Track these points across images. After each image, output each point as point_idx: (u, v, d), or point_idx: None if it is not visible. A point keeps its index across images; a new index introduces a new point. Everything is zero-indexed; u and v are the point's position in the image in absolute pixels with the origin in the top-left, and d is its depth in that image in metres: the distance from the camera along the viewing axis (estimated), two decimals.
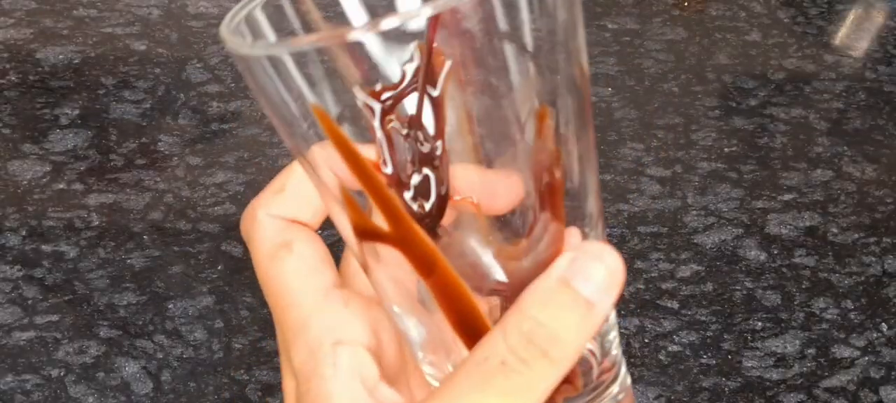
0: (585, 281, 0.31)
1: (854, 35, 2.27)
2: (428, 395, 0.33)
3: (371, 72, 0.30)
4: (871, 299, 1.61)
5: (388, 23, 0.27)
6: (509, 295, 0.32)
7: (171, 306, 1.52)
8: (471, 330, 0.32)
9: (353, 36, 0.28)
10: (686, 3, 2.34)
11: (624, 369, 0.36)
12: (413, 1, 0.35)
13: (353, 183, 0.32)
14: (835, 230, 1.73)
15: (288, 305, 0.37)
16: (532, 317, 0.31)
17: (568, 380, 0.33)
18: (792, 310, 1.58)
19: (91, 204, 1.69)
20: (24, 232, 1.62)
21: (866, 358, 1.51)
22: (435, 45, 0.29)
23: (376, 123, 0.30)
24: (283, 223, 0.37)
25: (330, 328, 0.36)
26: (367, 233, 0.32)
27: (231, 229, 1.65)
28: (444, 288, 0.31)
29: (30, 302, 1.51)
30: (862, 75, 2.12)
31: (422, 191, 0.31)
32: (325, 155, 0.32)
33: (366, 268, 0.35)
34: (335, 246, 0.38)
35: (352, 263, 0.39)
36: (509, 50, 0.30)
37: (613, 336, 0.36)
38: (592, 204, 0.34)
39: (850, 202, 1.79)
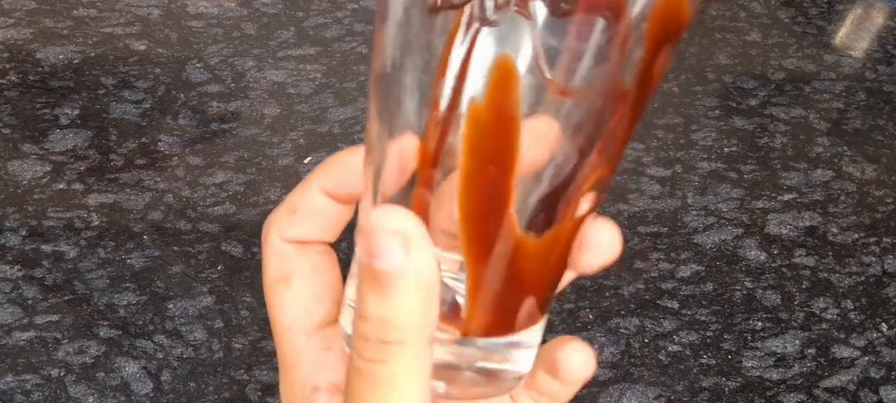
0: (380, 257, 0.31)
1: (854, 35, 2.27)
2: None
3: None
4: (871, 299, 1.61)
5: None
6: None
7: (171, 306, 1.52)
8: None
9: None
10: None
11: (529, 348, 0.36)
12: None
13: None
14: (835, 230, 1.73)
15: (279, 340, 0.38)
16: (360, 315, 0.31)
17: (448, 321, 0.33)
18: (792, 310, 1.58)
19: (91, 204, 1.69)
20: (24, 232, 1.62)
21: (866, 358, 1.51)
22: None
23: None
24: (292, 249, 0.38)
25: (310, 372, 0.37)
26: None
27: (231, 229, 1.65)
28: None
29: (30, 302, 1.51)
30: (862, 75, 2.12)
31: None
32: None
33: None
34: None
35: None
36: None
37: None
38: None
39: (850, 202, 1.79)
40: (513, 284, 0.33)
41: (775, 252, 1.68)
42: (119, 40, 2.08)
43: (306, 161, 1.80)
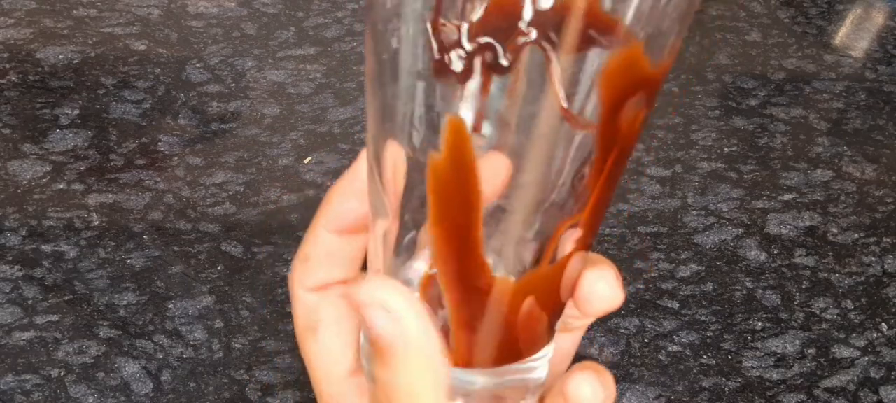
0: (373, 328, 0.32)
1: (854, 35, 2.27)
2: None
3: None
4: (871, 299, 1.61)
5: None
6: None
7: (171, 306, 1.52)
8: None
9: None
10: None
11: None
12: None
13: None
14: (835, 230, 1.73)
15: (317, 389, 0.40)
16: (371, 379, 0.33)
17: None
18: (792, 310, 1.58)
19: (91, 204, 1.69)
20: (24, 232, 1.62)
21: (866, 358, 1.51)
22: None
23: None
24: (315, 297, 0.38)
25: None
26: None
27: (231, 229, 1.65)
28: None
29: (30, 302, 1.51)
30: (862, 75, 2.12)
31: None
32: None
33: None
34: None
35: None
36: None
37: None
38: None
39: (850, 202, 1.79)
40: (496, 323, 0.34)
41: (775, 252, 1.68)
42: (119, 40, 2.08)
43: (306, 161, 1.80)
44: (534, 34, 0.29)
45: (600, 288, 0.35)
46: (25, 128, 1.84)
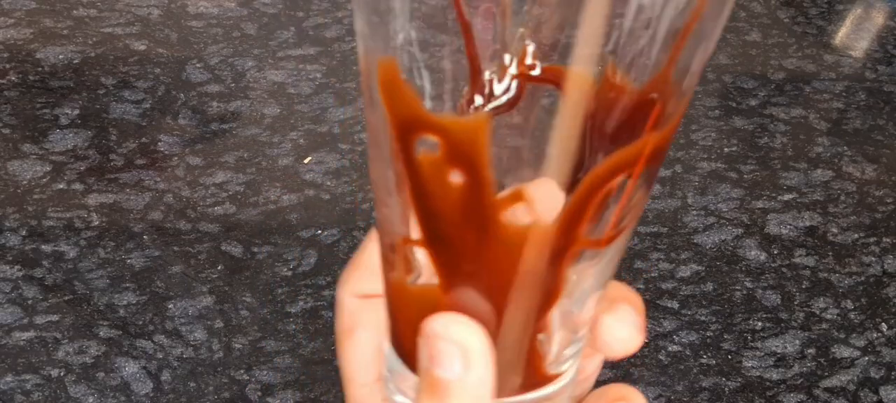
0: (441, 365, 0.31)
1: (854, 35, 2.27)
2: None
3: None
4: (871, 299, 1.61)
5: None
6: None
7: (171, 306, 1.52)
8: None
9: None
10: None
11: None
12: None
13: None
14: (835, 230, 1.73)
15: (345, 387, 0.40)
16: None
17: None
18: (792, 310, 1.58)
19: (91, 205, 1.69)
20: (24, 232, 1.62)
21: (866, 358, 1.51)
22: None
23: None
24: (358, 302, 0.39)
25: None
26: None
27: (231, 229, 1.65)
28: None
29: (30, 302, 1.51)
30: (862, 75, 2.12)
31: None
32: None
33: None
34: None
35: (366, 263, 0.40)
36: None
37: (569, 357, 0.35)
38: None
39: (850, 202, 1.79)
40: (513, 354, 0.33)
41: (775, 252, 1.68)
42: (119, 40, 2.08)
43: (306, 161, 1.80)
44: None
45: (619, 335, 0.34)
46: (25, 128, 1.84)
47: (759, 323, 1.55)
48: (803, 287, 1.62)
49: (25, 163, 1.76)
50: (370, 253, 0.38)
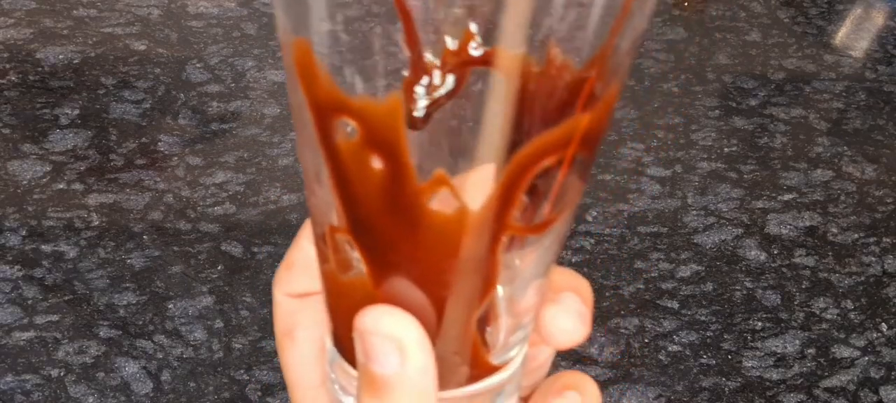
0: (376, 361, 0.31)
1: (854, 35, 2.27)
2: None
3: None
4: (871, 299, 1.61)
5: None
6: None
7: (171, 306, 1.52)
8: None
9: None
10: (686, 3, 2.34)
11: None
12: None
13: None
14: (835, 230, 1.73)
15: (290, 391, 0.39)
16: None
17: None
18: (792, 310, 1.58)
19: (91, 204, 1.69)
20: (24, 232, 1.62)
21: (866, 358, 1.51)
22: None
23: None
24: (295, 303, 0.38)
25: None
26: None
27: (231, 229, 1.65)
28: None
29: (30, 302, 1.51)
30: (862, 75, 2.12)
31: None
32: None
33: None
34: None
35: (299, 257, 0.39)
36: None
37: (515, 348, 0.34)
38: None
39: (850, 202, 1.79)
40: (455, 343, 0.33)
41: (775, 252, 1.68)
42: (119, 40, 2.08)
43: None
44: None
45: (562, 325, 0.34)
46: (25, 128, 1.84)
47: (759, 323, 1.55)
48: (803, 287, 1.62)
49: (25, 163, 1.76)
50: (302, 249, 0.37)
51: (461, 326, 0.32)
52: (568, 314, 0.33)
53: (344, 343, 0.33)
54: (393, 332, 0.30)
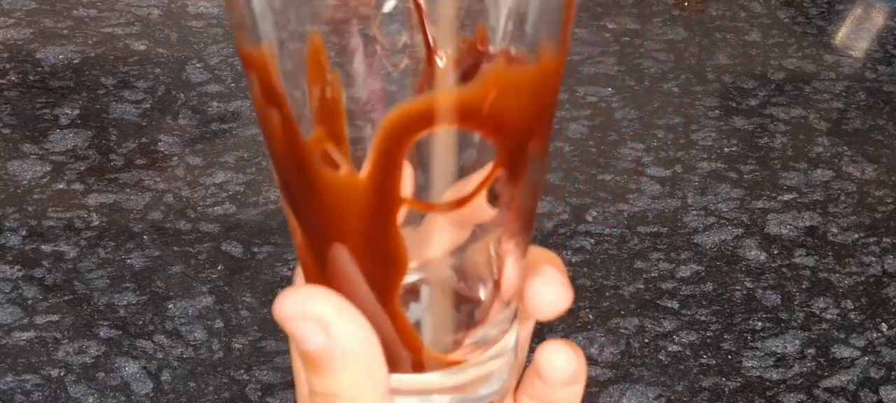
0: (304, 342, 0.31)
1: (854, 35, 2.27)
2: None
3: None
4: (871, 299, 1.61)
5: None
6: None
7: (171, 306, 1.52)
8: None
9: None
10: (686, 3, 2.34)
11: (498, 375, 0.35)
12: None
13: None
14: (835, 230, 1.73)
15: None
16: (311, 391, 0.32)
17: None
18: (792, 310, 1.58)
19: (91, 204, 1.69)
20: (24, 232, 1.62)
21: (866, 358, 1.51)
22: None
23: None
24: None
25: None
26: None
27: (231, 229, 1.65)
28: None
29: (30, 302, 1.51)
30: (862, 75, 2.12)
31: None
32: None
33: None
34: None
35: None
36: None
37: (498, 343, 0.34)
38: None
39: (850, 202, 1.79)
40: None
41: (775, 252, 1.68)
42: (119, 40, 2.08)
43: None
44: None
45: (545, 294, 0.34)
46: (25, 128, 1.84)
47: (759, 323, 1.55)
48: (803, 287, 1.62)
49: (25, 163, 1.76)
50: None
51: (382, 306, 0.31)
52: (551, 285, 0.33)
53: None
54: (309, 311, 0.30)
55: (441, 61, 0.28)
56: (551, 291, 0.34)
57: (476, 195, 0.30)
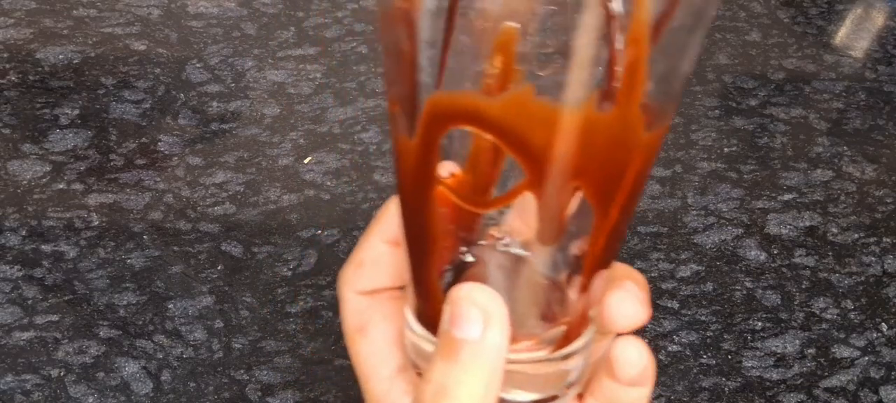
0: (459, 325, 0.32)
1: (854, 35, 2.27)
2: None
3: None
4: (871, 299, 1.61)
5: None
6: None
7: (171, 306, 1.52)
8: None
9: None
10: None
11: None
12: None
13: None
14: (835, 230, 1.73)
15: (364, 388, 0.41)
16: (424, 377, 0.33)
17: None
18: (792, 310, 1.58)
19: (91, 204, 1.69)
20: (23, 232, 1.62)
21: (866, 358, 1.51)
22: None
23: None
24: (365, 300, 0.39)
25: None
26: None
27: (231, 229, 1.65)
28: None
29: (30, 302, 1.51)
30: (862, 75, 2.12)
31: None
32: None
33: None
34: None
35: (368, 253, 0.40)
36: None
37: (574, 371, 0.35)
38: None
39: (850, 202, 1.79)
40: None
41: (775, 252, 1.68)
42: (119, 40, 2.08)
43: (306, 161, 1.80)
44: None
45: (624, 308, 0.35)
46: (25, 128, 1.84)
47: (759, 323, 1.55)
48: (803, 287, 1.62)
49: (25, 163, 1.76)
50: (373, 248, 0.38)
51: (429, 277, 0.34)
52: (631, 299, 0.35)
53: (429, 317, 0.34)
54: (483, 302, 0.31)
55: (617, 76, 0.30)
56: (630, 306, 0.35)
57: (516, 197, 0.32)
